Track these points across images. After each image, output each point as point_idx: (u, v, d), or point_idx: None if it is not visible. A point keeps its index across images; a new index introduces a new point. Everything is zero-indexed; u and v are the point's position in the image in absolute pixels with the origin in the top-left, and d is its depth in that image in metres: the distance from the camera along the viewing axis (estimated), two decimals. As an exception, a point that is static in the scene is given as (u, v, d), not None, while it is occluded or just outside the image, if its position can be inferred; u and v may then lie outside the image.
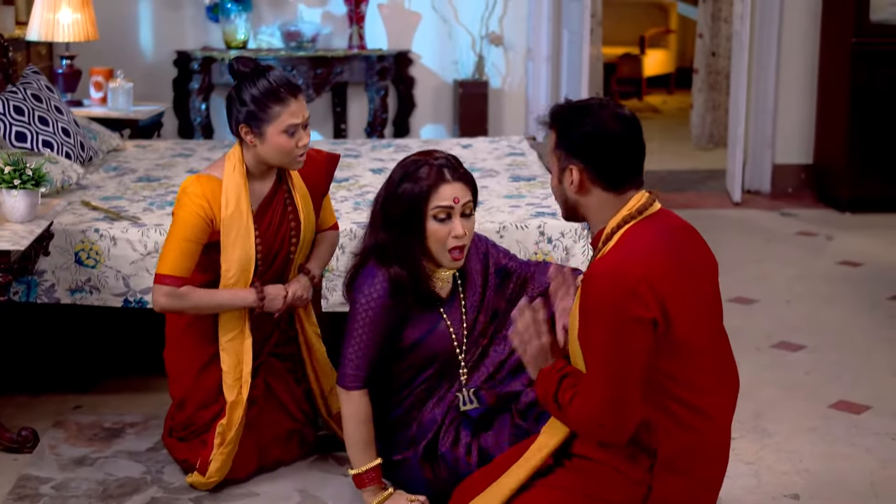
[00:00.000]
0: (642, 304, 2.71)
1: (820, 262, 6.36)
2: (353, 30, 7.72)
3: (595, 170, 2.85)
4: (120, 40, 7.65)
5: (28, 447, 3.93)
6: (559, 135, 2.89)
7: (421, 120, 8.07)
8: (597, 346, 2.76)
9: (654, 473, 2.84)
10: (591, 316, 2.77)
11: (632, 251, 2.79)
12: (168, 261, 3.61)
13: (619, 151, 2.85)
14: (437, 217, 3.41)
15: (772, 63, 7.87)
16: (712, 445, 2.92)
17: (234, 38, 7.58)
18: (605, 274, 2.75)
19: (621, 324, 2.71)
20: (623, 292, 2.70)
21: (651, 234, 2.84)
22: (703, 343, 2.86)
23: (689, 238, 2.94)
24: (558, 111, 2.91)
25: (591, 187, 2.87)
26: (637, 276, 2.71)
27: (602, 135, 2.83)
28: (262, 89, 3.58)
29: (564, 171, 2.89)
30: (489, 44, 7.94)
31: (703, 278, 2.90)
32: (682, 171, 8.78)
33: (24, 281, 4.20)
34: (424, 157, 3.48)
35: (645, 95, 12.42)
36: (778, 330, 5.20)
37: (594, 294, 2.75)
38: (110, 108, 6.44)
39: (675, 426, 2.83)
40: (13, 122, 4.89)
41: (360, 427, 3.49)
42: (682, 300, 2.77)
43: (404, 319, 3.49)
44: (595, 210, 2.91)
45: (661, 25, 13.01)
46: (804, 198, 7.86)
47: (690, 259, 2.88)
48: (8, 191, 3.80)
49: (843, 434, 4.12)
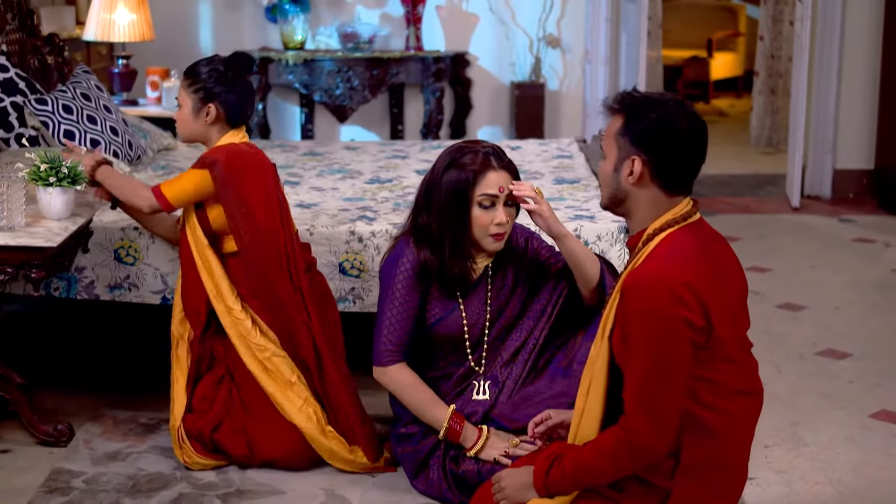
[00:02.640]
0: (691, 310, 2.67)
1: (875, 269, 6.25)
2: (410, 31, 7.74)
3: (658, 164, 2.78)
4: (180, 40, 7.75)
5: (63, 441, 3.98)
6: (627, 121, 2.80)
7: (477, 122, 8.07)
8: (641, 353, 2.71)
9: (676, 479, 2.81)
10: (635, 322, 2.71)
11: (675, 257, 2.74)
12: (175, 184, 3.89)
13: (687, 154, 2.80)
14: (482, 204, 3.48)
15: (833, 66, 7.76)
16: (734, 455, 2.88)
17: (292, 38, 7.64)
18: (650, 279, 2.70)
19: (670, 330, 2.66)
20: (670, 298, 2.66)
21: (692, 242, 2.80)
22: (735, 350, 2.82)
23: (723, 250, 2.91)
24: (630, 98, 2.83)
25: (649, 182, 2.80)
26: (684, 282, 2.67)
27: (675, 132, 2.77)
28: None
29: (625, 160, 2.81)
30: (546, 46, 7.92)
31: (734, 290, 2.86)
32: (742, 175, 8.69)
33: (65, 277, 4.27)
34: (471, 145, 3.55)
35: (712, 99, 12.32)
36: (824, 337, 5.12)
37: (640, 301, 2.70)
38: (164, 107, 6.52)
39: (699, 430, 2.79)
40: (62, 121, 4.96)
41: (415, 392, 3.58)
42: (719, 309, 2.74)
43: (425, 299, 3.59)
44: (643, 206, 2.85)
45: (729, 28, 12.88)
46: (865, 204, 7.74)
47: (724, 270, 2.85)
48: (44, 188, 3.86)
49: (880, 444, 4.05)
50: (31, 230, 3.80)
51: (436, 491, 3.57)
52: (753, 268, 6.21)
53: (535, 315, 3.68)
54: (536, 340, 3.65)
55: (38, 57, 5.58)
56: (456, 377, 3.66)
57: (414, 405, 3.58)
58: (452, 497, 3.53)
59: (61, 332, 5.15)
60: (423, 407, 3.57)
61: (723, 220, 7.25)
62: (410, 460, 3.64)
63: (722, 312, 2.74)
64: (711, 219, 7.24)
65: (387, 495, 3.65)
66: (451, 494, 3.53)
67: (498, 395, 3.62)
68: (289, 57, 7.54)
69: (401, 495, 3.64)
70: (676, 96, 2.84)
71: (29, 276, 3.75)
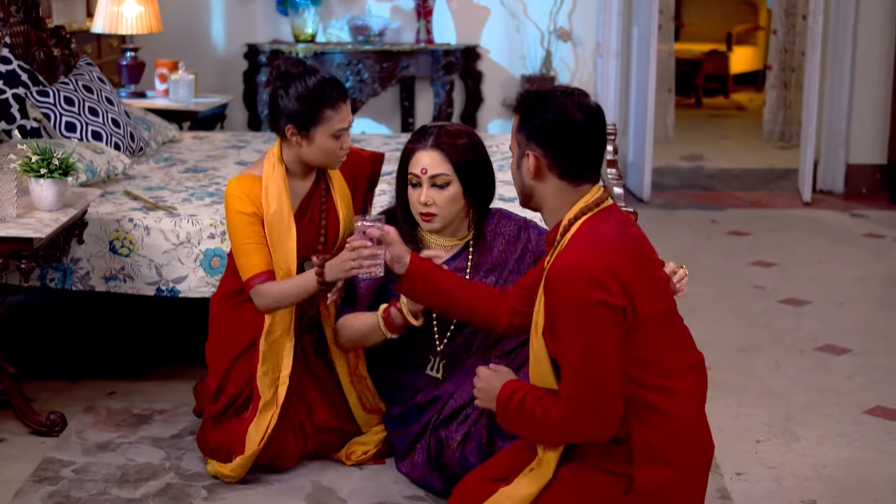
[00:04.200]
0: (610, 293, 2.71)
1: (883, 264, 6.21)
2: (420, 24, 7.74)
3: (552, 157, 2.86)
4: (192, 33, 7.78)
5: (56, 431, 4.00)
6: (522, 118, 2.91)
7: (488, 115, 8.06)
8: (570, 343, 2.75)
9: (634, 463, 2.83)
10: (559, 313, 2.76)
11: (592, 243, 2.80)
12: (242, 267, 3.67)
13: (578, 141, 2.86)
14: (411, 182, 3.59)
15: (847, 61, 7.72)
16: (688, 430, 2.89)
17: (303, 31, 7.65)
18: (568, 268, 2.75)
19: (592, 315, 2.70)
20: (590, 284, 2.71)
21: (608, 225, 2.86)
22: (666, 326, 2.87)
23: (634, 229, 2.95)
24: (523, 96, 2.93)
25: (548, 174, 2.89)
26: (601, 266, 2.72)
27: (562, 123, 2.84)
28: (315, 92, 3.58)
29: (523, 156, 2.91)
30: (557, 39, 7.90)
31: (652, 265, 2.91)
32: (755, 170, 8.66)
33: (61, 268, 4.29)
34: (435, 122, 3.66)
35: (731, 93, 12.26)
36: (825, 333, 5.10)
37: (560, 290, 2.75)
38: (171, 99, 6.54)
39: (646, 411, 2.82)
40: (63, 113, 4.98)
41: (354, 322, 3.62)
42: (642, 287, 2.79)
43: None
44: (550, 199, 2.92)
45: (749, 22, 12.83)
46: (878, 199, 7.70)
47: (640, 248, 2.90)
48: (36, 179, 3.88)
49: (873, 441, 4.02)
50: (22, 221, 3.82)
51: (419, 475, 3.58)
52: (759, 262, 6.18)
53: None
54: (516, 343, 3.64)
55: (44, 49, 5.60)
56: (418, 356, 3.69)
57: (358, 327, 3.63)
58: (433, 483, 3.54)
59: (63, 322, 5.18)
60: (364, 325, 3.61)
61: (733, 215, 7.22)
62: (400, 443, 3.67)
63: (645, 290, 2.78)
64: (721, 213, 7.23)
65: (374, 487, 3.64)
66: (433, 480, 3.54)
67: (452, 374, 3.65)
68: (299, 49, 7.55)
69: (388, 486, 3.64)
70: (569, 87, 2.93)
71: (20, 266, 3.77)
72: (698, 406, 2.93)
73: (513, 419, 2.93)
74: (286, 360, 3.72)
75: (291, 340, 3.72)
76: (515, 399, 2.91)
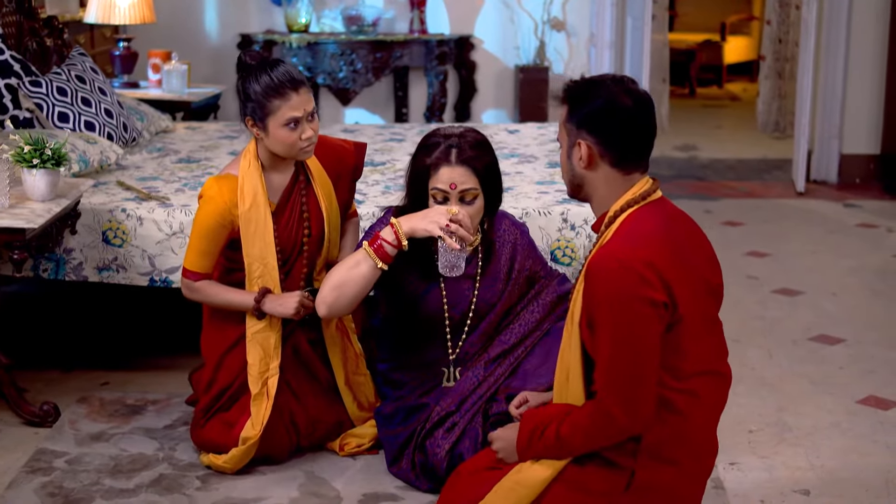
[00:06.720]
0: (652, 287, 2.68)
1: (876, 255, 6.22)
2: (414, 14, 7.73)
3: (604, 144, 2.82)
4: (185, 23, 7.76)
5: (49, 421, 4.00)
6: (570, 109, 2.87)
7: (482, 105, 8.05)
8: (608, 336, 2.72)
9: (638, 459, 2.81)
10: (599, 306, 2.73)
11: (636, 237, 2.76)
12: (188, 257, 3.72)
13: (629, 127, 2.82)
14: (436, 198, 3.48)
15: (840, 51, 7.71)
16: (700, 435, 2.88)
17: (296, 21, 7.63)
18: (611, 260, 2.72)
19: (633, 309, 2.68)
20: (632, 278, 2.68)
21: (653, 220, 2.82)
22: (699, 329, 2.83)
23: (687, 228, 2.93)
24: (570, 86, 2.90)
25: (600, 163, 2.85)
26: (642, 261, 2.69)
27: (613, 109, 2.80)
28: (263, 84, 3.59)
29: (574, 145, 2.87)
30: (551, 29, 7.89)
31: (702, 266, 2.87)
32: (749, 160, 8.66)
33: (53, 259, 4.28)
34: (444, 130, 3.54)
35: (725, 83, 12.26)
36: (818, 323, 5.10)
37: (601, 284, 2.72)
38: (165, 89, 6.53)
39: (665, 411, 2.80)
40: (56, 103, 4.97)
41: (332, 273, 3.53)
42: (683, 286, 2.75)
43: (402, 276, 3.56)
44: (600, 189, 2.88)
45: (743, 12, 12.83)
46: (871, 189, 7.70)
47: (689, 246, 2.86)
48: (28, 170, 3.87)
49: (866, 430, 4.03)
50: (14, 211, 3.81)
51: (406, 479, 3.59)
52: (753, 253, 6.19)
53: (528, 324, 3.68)
54: (526, 348, 3.64)
55: (37, 39, 5.58)
56: (430, 361, 3.67)
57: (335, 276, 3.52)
58: (421, 485, 3.54)
59: (56, 313, 5.17)
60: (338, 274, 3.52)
61: (727, 205, 7.23)
62: (389, 445, 3.66)
63: (684, 290, 2.75)
64: (715, 203, 7.23)
65: (367, 477, 3.64)
66: (420, 483, 3.54)
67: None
68: (293, 40, 7.54)
69: (381, 477, 3.64)
70: (616, 75, 2.89)
71: (12, 257, 3.76)
72: (714, 414, 2.91)
73: (539, 451, 2.90)
74: (274, 352, 3.72)
75: (277, 333, 3.73)
76: (536, 435, 2.89)
